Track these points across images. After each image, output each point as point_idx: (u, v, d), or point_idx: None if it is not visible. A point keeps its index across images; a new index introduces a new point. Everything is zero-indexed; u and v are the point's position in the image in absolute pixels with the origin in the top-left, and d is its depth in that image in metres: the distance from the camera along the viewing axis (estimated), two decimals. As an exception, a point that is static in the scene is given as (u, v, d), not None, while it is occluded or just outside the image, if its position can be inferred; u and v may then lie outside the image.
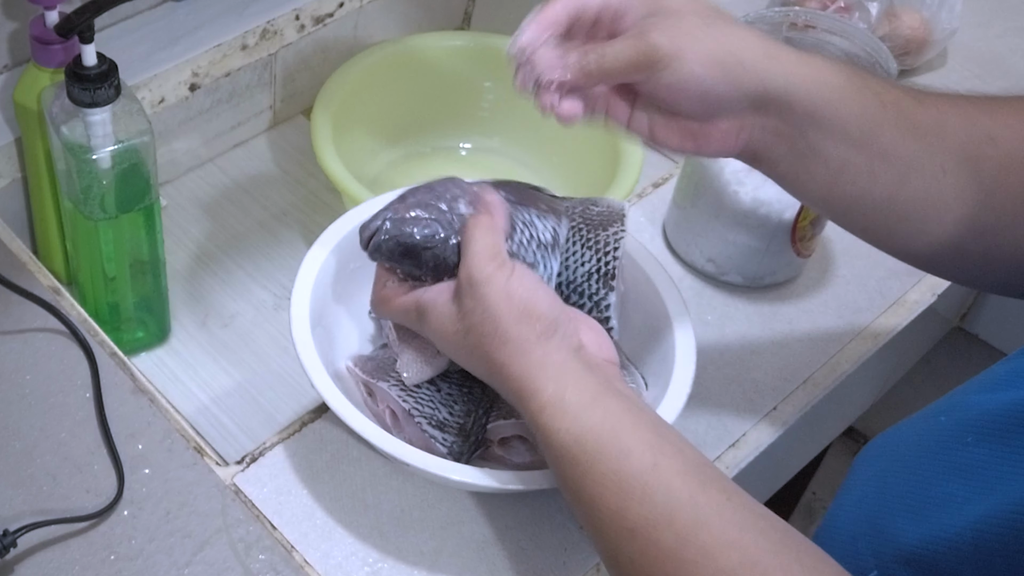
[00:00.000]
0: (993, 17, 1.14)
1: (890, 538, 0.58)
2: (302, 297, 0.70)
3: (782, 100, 0.61)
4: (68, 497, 0.69)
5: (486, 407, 0.71)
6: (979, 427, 0.57)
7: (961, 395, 0.61)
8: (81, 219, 0.82)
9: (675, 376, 0.69)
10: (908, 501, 0.58)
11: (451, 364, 0.71)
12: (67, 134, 0.77)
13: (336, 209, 0.86)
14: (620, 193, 0.94)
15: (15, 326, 0.77)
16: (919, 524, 0.56)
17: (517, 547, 0.69)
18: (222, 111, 1.03)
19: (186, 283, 0.98)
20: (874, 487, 0.62)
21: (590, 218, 0.74)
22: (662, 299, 0.73)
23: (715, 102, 0.61)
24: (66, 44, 0.79)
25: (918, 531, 0.56)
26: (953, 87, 1.04)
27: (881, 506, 0.60)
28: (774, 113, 0.61)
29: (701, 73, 0.59)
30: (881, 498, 0.61)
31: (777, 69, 0.60)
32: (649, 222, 0.91)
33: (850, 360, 0.83)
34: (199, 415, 0.89)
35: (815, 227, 0.84)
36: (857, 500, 0.63)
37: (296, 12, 1.02)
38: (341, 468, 0.72)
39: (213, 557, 0.66)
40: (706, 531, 0.52)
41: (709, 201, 0.83)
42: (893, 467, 0.62)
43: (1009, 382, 0.57)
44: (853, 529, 0.57)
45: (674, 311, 0.73)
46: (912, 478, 0.59)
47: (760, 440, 0.77)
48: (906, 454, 0.62)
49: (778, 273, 0.86)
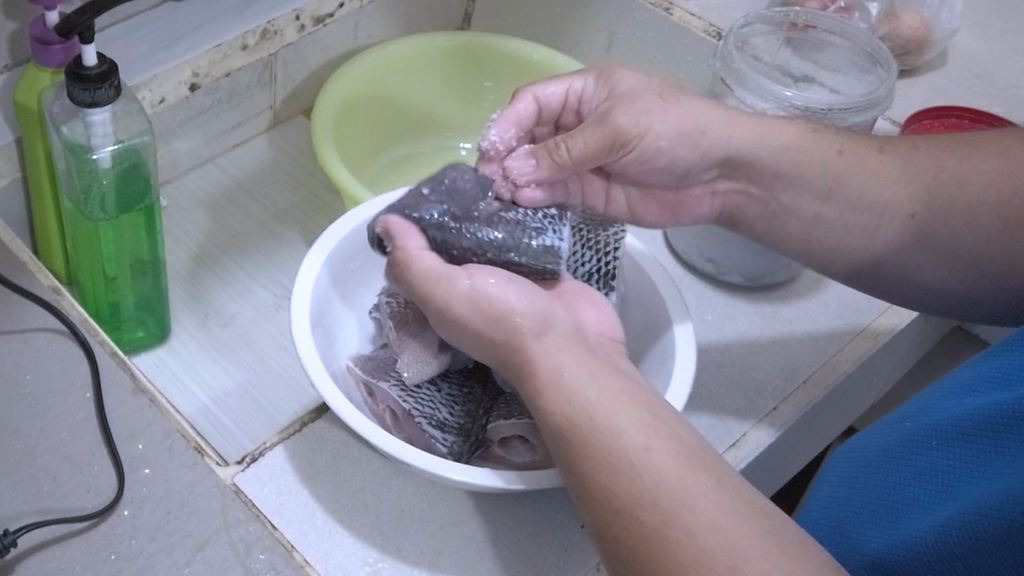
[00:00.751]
0: (993, 17, 1.14)
1: (855, 544, 0.58)
2: (302, 297, 0.70)
3: (746, 162, 0.63)
4: (68, 497, 0.69)
5: (486, 407, 0.71)
6: (943, 432, 0.57)
7: (927, 399, 0.62)
8: (81, 219, 0.82)
9: (675, 376, 0.69)
10: (873, 507, 0.59)
11: (451, 364, 0.71)
12: (67, 134, 0.77)
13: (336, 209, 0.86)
14: (620, 193, 0.94)
15: (15, 326, 0.77)
16: (884, 530, 0.57)
17: (517, 547, 0.69)
18: (222, 111, 1.04)
19: (186, 283, 0.98)
20: (842, 493, 0.63)
21: (590, 218, 0.74)
22: (662, 299, 0.73)
23: (683, 171, 0.63)
24: (66, 44, 0.80)
25: (883, 537, 0.57)
26: (953, 87, 1.05)
27: (847, 512, 0.61)
28: (743, 177, 0.63)
29: (666, 147, 0.62)
30: (847, 504, 0.62)
31: (738, 134, 0.63)
32: (649, 222, 0.91)
33: (850, 360, 0.83)
34: (199, 415, 0.89)
35: None
36: (825, 506, 0.64)
37: (296, 12, 1.02)
38: (341, 468, 0.72)
39: (213, 557, 0.66)
40: (691, 513, 0.53)
41: None
42: (860, 473, 0.63)
43: (974, 387, 0.58)
44: (819, 536, 0.57)
45: (674, 311, 0.73)
46: (877, 483, 0.60)
47: (760, 440, 0.77)
48: (872, 459, 0.63)
49: (778, 273, 0.86)
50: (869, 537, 0.58)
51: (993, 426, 0.54)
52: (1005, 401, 0.54)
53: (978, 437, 0.55)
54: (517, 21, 1.17)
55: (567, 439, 0.57)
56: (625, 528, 0.54)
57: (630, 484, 0.55)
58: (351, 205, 0.87)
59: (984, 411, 0.55)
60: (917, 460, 0.58)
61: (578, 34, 1.14)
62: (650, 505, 0.54)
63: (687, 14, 1.07)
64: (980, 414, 0.56)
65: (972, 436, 0.55)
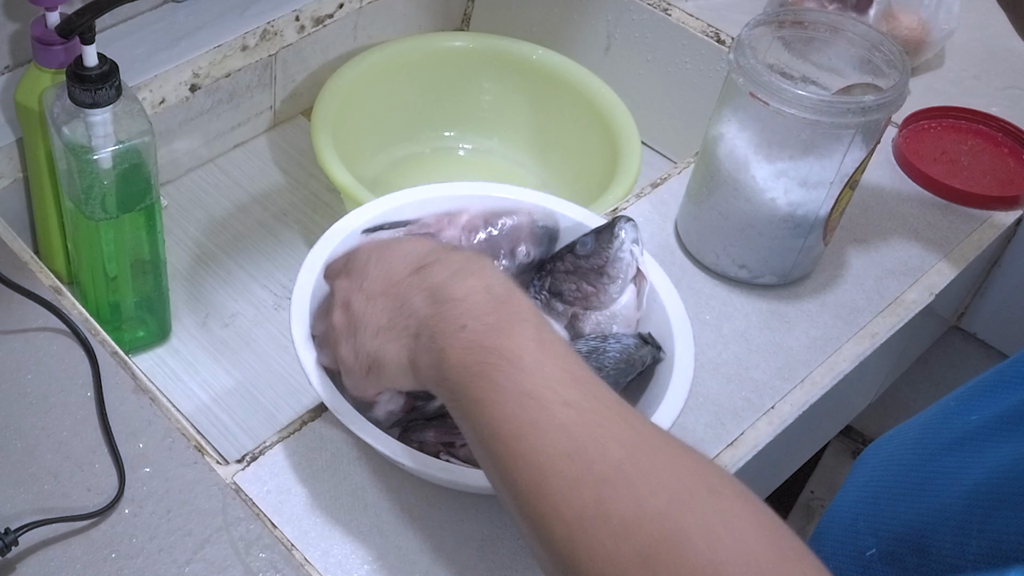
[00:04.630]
0: (991, 17, 1.14)
1: (887, 515, 0.59)
2: (302, 297, 0.71)
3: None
4: (69, 496, 0.69)
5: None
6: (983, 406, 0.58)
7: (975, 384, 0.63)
8: (82, 219, 0.82)
9: (675, 376, 0.69)
10: (907, 480, 0.59)
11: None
12: (68, 134, 0.78)
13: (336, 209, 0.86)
14: (619, 193, 0.94)
15: (16, 325, 0.77)
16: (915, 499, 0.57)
17: (517, 547, 0.70)
18: (222, 111, 1.04)
19: (187, 283, 0.98)
20: (878, 472, 0.64)
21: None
22: (661, 299, 0.74)
23: None
24: (67, 45, 0.80)
25: (914, 506, 0.57)
26: (951, 88, 1.05)
27: (881, 488, 0.62)
28: None
29: None
30: (883, 481, 0.62)
31: None
32: (648, 223, 0.91)
33: (848, 359, 0.83)
34: (200, 414, 0.89)
35: (841, 214, 0.84)
36: (861, 484, 0.64)
37: (296, 13, 1.02)
38: (341, 467, 0.72)
39: (213, 555, 0.67)
40: (550, 391, 0.51)
41: (743, 210, 0.82)
42: (898, 450, 0.63)
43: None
44: (855, 510, 0.57)
45: (673, 311, 0.73)
46: (913, 458, 0.60)
47: (758, 439, 0.77)
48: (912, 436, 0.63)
49: (807, 266, 0.86)
50: (902, 508, 0.58)
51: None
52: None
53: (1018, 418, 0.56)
54: (516, 21, 1.17)
55: (481, 377, 0.53)
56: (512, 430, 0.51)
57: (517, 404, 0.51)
58: (351, 205, 0.87)
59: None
60: (953, 431, 0.59)
61: (577, 35, 1.14)
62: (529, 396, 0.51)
63: (685, 15, 1.08)
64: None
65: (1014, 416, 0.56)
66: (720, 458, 0.76)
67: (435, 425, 0.70)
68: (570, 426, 0.49)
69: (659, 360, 0.71)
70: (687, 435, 0.76)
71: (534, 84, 1.07)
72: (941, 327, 1.05)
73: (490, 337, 0.53)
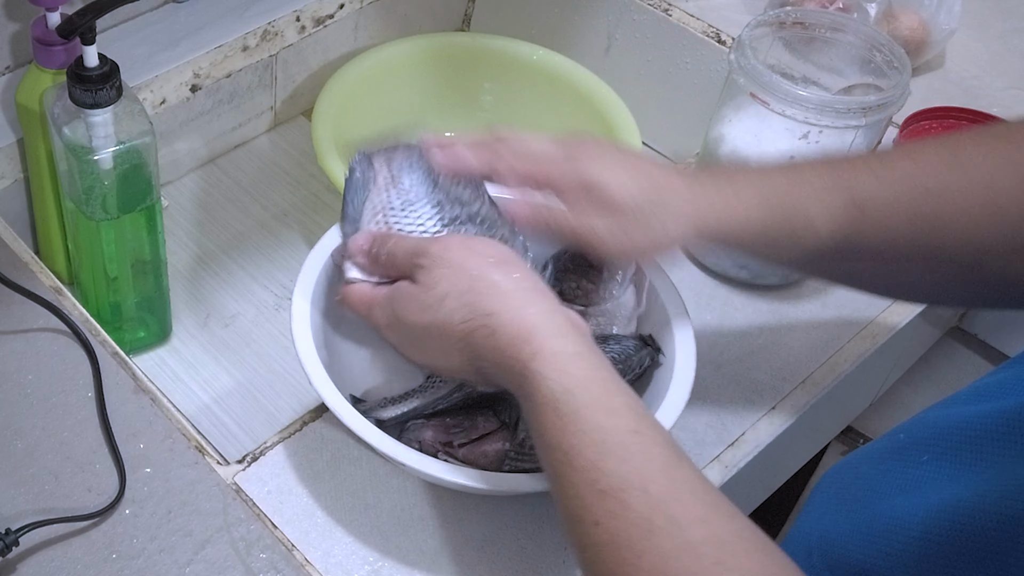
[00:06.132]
0: (992, 18, 1.15)
1: (841, 555, 0.58)
2: (303, 297, 0.71)
3: (718, 239, 0.65)
4: (70, 496, 0.69)
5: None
6: (933, 444, 0.57)
7: (928, 412, 0.62)
8: (83, 219, 0.82)
9: (675, 377, 0.69)
10: (858, 519, 0.59)
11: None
12: (69, 135, 0.78)
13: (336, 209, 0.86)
14: (620, 193, 0.94)
15: (17, 326, 0.77)
16: (868, 543, 0.57)
17: (517, 547, 0.70)
18: (223, 112, 1.04)
19: (187, 283, 0.98)
20: (833, 504, 0.63)
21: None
22: (661, 299, 0.74)
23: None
24: (68, 45, 0.80)
25: (866, 548, 0.57)
26: (951, 88, 1.05)
27: (836, 521, 0.61)
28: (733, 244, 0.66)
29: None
30: (836, 514, 0.62)
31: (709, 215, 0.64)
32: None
33: (849, 360, 0.83)
34: (200, 414, 0.89)
35: None
36: (816, 517, 0.64)
37: (296, 13, 1.02)
38: (341, 467, 0.72)
39: (214, 556, 0.67)
40: (678, 503, 0.52)
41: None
42: (853, 482, 0.63)
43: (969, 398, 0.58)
44: (809, 543, 0.57)
45: (673, 311, 0.73)
46: (864, 496, 0.60)
47: (759, 439, 0.77)
48: (864, 472, 0.63)
49: None
50: (853, 548, 0.58)
51: (976, 437, 0.54)
52: (990, 411, 0.54)
53: (962, 448, 0.55)
54: (517, 22, 1.17)
55: (559, 409, 0.56)
56: (608, 510, 0.53)
57: (619, 464, 0.53)
58: (351, 205, 0.87)
59: (970, 421, 0.55)
60: (905, 473, 0.58)
61: (577, 35, 1.14)
62: (638, 488, 0.52)
63: (686, 15, 1.08)
64: (967, 425, 0.55)
65: (958, 447, 0.55)
66: (721, 458, 0.76)
67: (434, 425, 0.70)
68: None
69: (659, 363, 0.71)
70: (687, 435, 0.76)
71: (534, 84, 1.07)
72: (942, 327, 1.05)
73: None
